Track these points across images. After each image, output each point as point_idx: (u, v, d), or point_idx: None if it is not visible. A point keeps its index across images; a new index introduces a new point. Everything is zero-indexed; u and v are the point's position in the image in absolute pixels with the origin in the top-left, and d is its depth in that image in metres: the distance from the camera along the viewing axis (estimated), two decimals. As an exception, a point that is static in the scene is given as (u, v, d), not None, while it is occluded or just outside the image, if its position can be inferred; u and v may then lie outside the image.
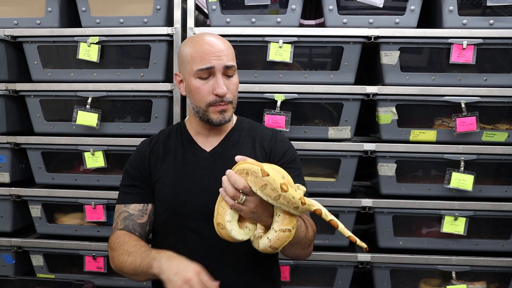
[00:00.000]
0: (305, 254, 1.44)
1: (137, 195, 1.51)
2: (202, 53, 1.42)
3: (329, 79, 1.96)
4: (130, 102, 2.06)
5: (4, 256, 2.09)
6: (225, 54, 1.43)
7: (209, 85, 1.43)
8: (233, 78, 1.47)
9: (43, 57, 2.05)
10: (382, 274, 1.98)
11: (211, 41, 1.45)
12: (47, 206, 2.09)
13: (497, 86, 1.92)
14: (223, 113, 1.45)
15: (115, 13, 2.02)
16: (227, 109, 1.46)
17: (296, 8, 1.95)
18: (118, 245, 1.43)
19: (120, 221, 1.50)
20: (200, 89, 1.44)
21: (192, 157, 1.51)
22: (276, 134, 1.58)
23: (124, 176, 1.56)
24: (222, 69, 1.43)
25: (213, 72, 1.43)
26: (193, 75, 1.44)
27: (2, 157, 2.06)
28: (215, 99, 1.43)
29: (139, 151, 1.56)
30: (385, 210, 1.97)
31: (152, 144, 1.57)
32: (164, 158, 1.52)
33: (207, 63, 1.42)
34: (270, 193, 1.14)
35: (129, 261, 1.37)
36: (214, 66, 1.42)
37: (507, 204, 1.93)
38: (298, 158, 1.57)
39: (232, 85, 1.46)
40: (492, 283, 1.99)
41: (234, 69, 1.47)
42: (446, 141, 1.95)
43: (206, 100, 1.44)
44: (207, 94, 1.43)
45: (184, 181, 1.48)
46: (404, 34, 1.91)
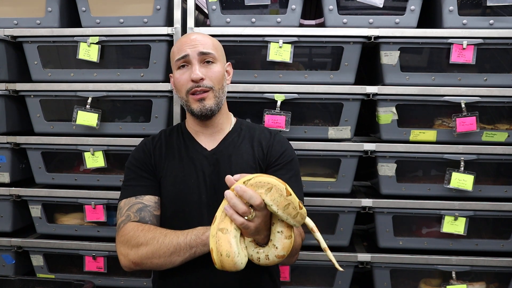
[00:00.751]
0: (290, 262, 1.46)
1: (150, 187, 1.49)
2: (179, 45, 1.49)
3: (329, 79, 1.96)
4: (130, 102, 2.06)
5: (4, 256, 2.09)
6: (201, 43, 1.46)
7: (187, 73, 1.46)
8: (212, 66, 1.47)
9: (43, 57, 2.05)
10: (382, 274, 1.98)
11: (189, 35, 1.51)
12: (47, 206, 2.09)
13: (497, 86, 1.92)
14: (202, 102, 1.46)
15: (115, 13, 2.02)
16: (206, 97, 1.46)
17: (296, 8, 1.95)
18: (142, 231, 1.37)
19: (133, 213, 1.44)
20: (179, 79, 1.47)
21: (194, 155, 1.52)
22: (275, 135, 1.58)
23: (128, 171, 1.53)
24: (197, 56, 1.45)
25: (189, 60, 1.46)
26: (175, 68, 1.50)
27: (2, 157, 2.06)
28: (192, 85, 1.45)
29: (143, 148, 1.56)
30: (385, 210, 1.97)
31: (155, 142, 1.57)
32: (167, 156, 1.53)
33: (182, 52, 1.46)
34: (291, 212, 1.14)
35: (168, 240, 1.34)
36: (189, 54, 1.45)
37: (507, 204, 1.93)
38: (296, 160, 1.57)
39: (211, 72, 1.46)
40: (492, 283, 1.99)
41: (214, 57, 1.47)
42: (446, 141, 1.95)
43: (185, 88, 1.46)
44: (186, 82, 1.46)
45: (188, 178, 1.49)
46: (404, 34, 1.91)
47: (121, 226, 1.44)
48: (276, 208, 1.13)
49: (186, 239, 1.33)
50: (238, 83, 1.96)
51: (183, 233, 1.35)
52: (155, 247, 1.34)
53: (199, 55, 1.45)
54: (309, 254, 1.98)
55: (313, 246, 2.01)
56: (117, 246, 1.43)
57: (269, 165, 1.52)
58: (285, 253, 1.20)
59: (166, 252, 1.34)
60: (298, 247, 1.43)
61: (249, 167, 1.49)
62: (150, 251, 1.35)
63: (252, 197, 1.12)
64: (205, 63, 1.47)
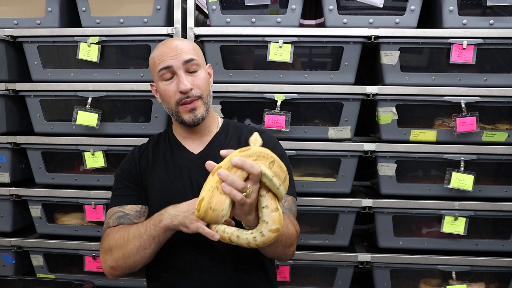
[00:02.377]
0: (287, 254, 1.42)
1: (133, 197, 1.50)
2: (160, 55, 1.44)
3: (329, 79, 1.96)
4: (130, 102, 2.06)
5: (4, 256, 2.09)
6: (183, 51, 1.43)
7: (174, 84, 1.43)
8: (198, 73, 1.45)
9: (43, 57, 2.05)
10: (382, 274, 1.98)
11: (168, 43, 1.46)
12: (47, 206, 2.09)
13: (497, 86, 1.92)
14: (193, 112, 1.44)
15: (115, 13, 2.02)
16: (196, 106, 1.44)
17: (296, 8, 1.95)
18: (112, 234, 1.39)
19: (112, 220, 1.46)
20: (166, 90, 1.45)
21: (181, 160, 1.50)
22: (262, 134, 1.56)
23: (117, 181, 1.54)
24: (181, 65, 1.43)
25: (174, 71, 1.43)
26: (159, 79, 1.46)
27: (2, 157, 2.06)
28: (181, 96, 1.43)
29: (129, 158, 1.56)
30: (385, 210, 1.96)
31: (141, 150, 1.57)
32: (154, 163, 1.52)
33: (165, 63, 1.43)
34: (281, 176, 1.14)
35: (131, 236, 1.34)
36: (172, 65, 1.42)
37: (507, 204, 1.93)
38: (285, 156, 1.56)
39: (197, 80, 1.44)
40: (492, 283, 1.99)
41: (198, 64, 1.45)
42: (446, 141, 1.95)
43: (174, 100, 1.44)
44: (174, 93, 1.44)
45: (174, 183, 1.47)
46: (404, 34, 1.90)
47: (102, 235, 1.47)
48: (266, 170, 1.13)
49: (147, 230, 1.33)
50: (238, 83, 1.96)
51: (143, 224, 1.36)
52: (123, 246, 1.35)
53: (184, 64, 1.43)
54: (309, 254, 1.98)
55: (313, 246, 2.01)
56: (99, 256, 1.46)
57: None
58: (278, 226, 1.18)
59: (133, 249, 1.34)
60: (292, 236, 1.38)
61: None
62: (121, 252, 1.36)
63: (253, 166, 1.11)
64: (190, 72, 1.45)
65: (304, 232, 2.02)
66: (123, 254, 1.36)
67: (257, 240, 1.19)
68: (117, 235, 1.39)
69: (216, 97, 1.96)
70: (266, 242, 1.19)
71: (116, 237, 1.38)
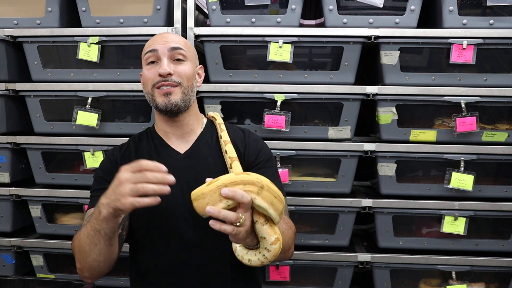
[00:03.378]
0: (288, 256, 1.41)
1: None
2: (150, 42, 1.47)
3: (329, 79, 1.96)
4: (130, 102, 2.06)
5: (4, 256, 2.09)
6: (172, 40, 1.45)
7: (155, 69, 1.43)
8: (183, 63, 1.45)
9: (43, 57, 2.05)
10: (382, 274, 1.98)
11: (161, 33, 1.50)
12: (47, 206, 2.09)
13: (497, 86, 1.92)
14: (168, 96, 1.42)
15: (115, 13, 2.02)
16: (173, 91, 1.42)
17: (296, 8, 1.95)
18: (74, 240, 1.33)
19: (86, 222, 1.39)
20: (147, 73, 1.45)
21: (167, 160, 1.45)
22: (249, 134, 1.56)
23: (95, 182, 1.50)
24: (167, 52, 1.43)
25: (158, 55, 1.43)
26: (144, 63, 1.47)
27: (2, 157, 2.06)
28: (158, 79, 1.42)
29: (109, 157, 1.53)
30: (385, 210, 1.97)
31: (123, 150, 1.53)
32: None
33: (151, 47, 1.44)
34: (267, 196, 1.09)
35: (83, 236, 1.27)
36: (158, 49, 1.43)
37: (507, 204, 1.93)
38: (272, 156, 1.55)
39: (180, 69, 1.44)
40: (492, 283, 1.99)
41: (184, 55, 1.45)
42: (446, 141, 1.95)
43: (151, 82, 1.43)
44: (153, 76, 1.43)
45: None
46: (404, 34, 1.90)
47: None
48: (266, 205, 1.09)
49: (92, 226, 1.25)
50: (238, 83, 1.96)
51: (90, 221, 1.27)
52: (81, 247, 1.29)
53: (169, 51, 1.43)
54: (309, 254, 1.98)
55: (313, 246, 2.01)
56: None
57: (249, 165, 1.49)
58: (278, 236, 1.15)
59: (86, 247, 1.28)
60: (289, 240, 1.37)
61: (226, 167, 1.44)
62: (79, 253, 1.31)
63: (243, 196, 1.06)
64: (175, 61, 1.44)
65: (304, 232, 2.02)
66: (81, 254, 1.31)
67: (268, 257, 1.16)
68: (75, 240, 1.34)
69: (216, 97, 1.96)
70: (276, 254, 1.16)
71: (75, 242, 1.33)
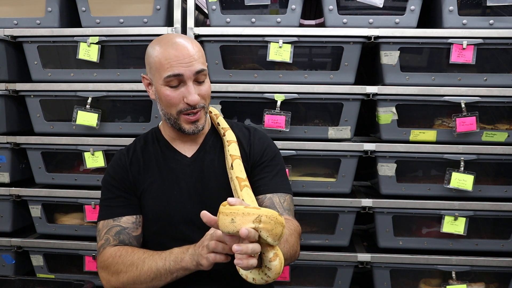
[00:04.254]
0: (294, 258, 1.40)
1: (128, 207, 1.44)
2: (170, 60, 1.35)
3: (329, 79, 1.96)
4: (130, 102, 2.06)
5: (4, 256, 2.09)
6: (194, 59, 1.36)
7: (179, 92, 1.37)
8: (204, 83, 1.40)
9: (43, 57, 2.05)
10: (382, 274, 1.98)
11: (179, 46, 1.36)
12: (47, 206, 2.09)
13: (497, 86, 1.92)
14: (195, 123, 1.40)
15: (115, 13, 2.02)
16: (199, 118, 1.40)
17: (296, 8, 1.95)
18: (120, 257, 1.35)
19: (112, 236, 1.41)
20: (170, 97, 1.37)
21: (174, 165, 1.46)
22: (254, 132, 1.54)
23: (105, 190, 1.48)
24: (193, 76, 1.36)
25: (183, 79, 1.36)
26: (162, 82, 1.37)
27: (2, 157, 2.06)
28: (186, 107, 1.37)
29: (118, 163, 1.49)
30: (385, 210, 1.96)
31: (130, 154, 1.51)
32: (146, 169, 1.47)
33: (175, 70, 1.34)
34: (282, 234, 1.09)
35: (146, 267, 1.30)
36: (183, 74, 1.35)
37: (507, 204, 1.93)
38: (278, 154, 1.53)
39: (203, 91, 1.39)
40: (492, 283, 1.99)
41: (205, 73, 1.40)
42: (446, 141, 1.95)
43: (177, 108, 1.38)
44: (178, 102, 1.37)
45: (170, 190, 1.44)
46: (404, 34, 1.90)
47: (100, 251, 1.42)
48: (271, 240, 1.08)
49: (165, 265, 1.28)
50: (238, 83, 1.96)
51: (161, 257, 1.30)
52: (135, 274, 1.32)
53: (194, 75, 1.36)
54: (309, 254, 1.98)
55: (313, 246, 2.01)
56: (99, 271, 1.41)
57: (254, 164, 1.48)
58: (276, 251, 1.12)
59: (147, 279, 1.30)
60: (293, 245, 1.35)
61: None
62: (131, 278, 1.32)
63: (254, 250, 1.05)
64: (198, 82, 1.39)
65: (304, 232, 2.02)
66: (134, 281, 1.32)
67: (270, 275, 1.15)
68: (127, 260, 1.34)
69: (216, 97, 1.96)
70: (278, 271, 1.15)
71: (127, 263, 1.33)
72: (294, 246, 1.36)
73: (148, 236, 1.47)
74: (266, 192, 1.45)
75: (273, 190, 1.45)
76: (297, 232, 1.40)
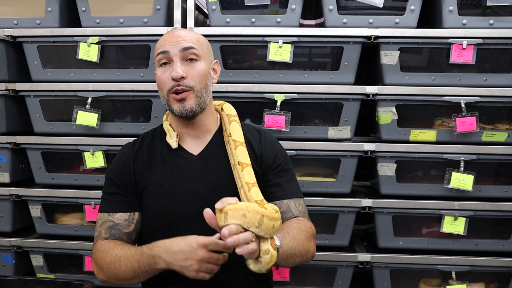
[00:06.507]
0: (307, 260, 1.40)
1: (123, 204, 1.46)
2: (161, 42, 1.42)
3: (329, 79, 1.96)
4: (130, 102, 2.06)
5: (4, 256, 2.09)
6: (183, 38, 1.40)
7: (168, 71, 1.40)
8: (196, 64, 1.41)
9: (43, 57, 2.05)
10: (382, 274, 1.98)
11: (172, 31, 1.44)
12: (47, 206, 2.09)
13: (497, 86, 1.92)
14: (182, 102, 1.40)
15: (115, 13, 2.02)
16: (186, 97, 1.39)
17: (296, 8, 1.95)
18: (103, 253, 1.39)
19: (104, 230, 1.44)
20: (160, 77, 1.41)
21: (180, 163, 1.46)
22: (264, 135, 1.54)
23: (107, 183, 1.50)
24: (179, 53, 1.39)
25: (170, 57, 1.39)
26: (157, 65, 1.44)
27: (2, 157, 2.06)
28: (172, 84, 1.39)
29: (122, 158, 1.50)
30: (385, 210, 1.97)
31: (135, 149, 1.51)
32: (151, 165, 1.47)
33: (163, 48, 1.40)
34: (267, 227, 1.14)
35: (123, 267, 1.34)
36: (169, 51, 1.39)
37: (507, 204, 1.93)
38: (288, 157, 1.54)
39: (193, 71, 1.40)
40: (491, 283, 1.99)
41: (197, 54, 1.40)
42: (446, 141, 1.95)
43: (167, 87, 1.41)
44: (167, 80, 1.40)
45: (174, 188, 1.43)
46: (404, 34, 1.91)
47: (94, 242, 1.47)
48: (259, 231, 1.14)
49: (140, 267, 1.31)
50: (238, 83, 1.96)
51: (134, 259, 1.32)
52: (114, 272, 1.36)
53: (181, 52, 1.39)
54: (309, 254, 1.98)
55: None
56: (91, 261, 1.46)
57: (267, 168, 1.48)
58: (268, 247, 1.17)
59: (126, 277, 1.35)
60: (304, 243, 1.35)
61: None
62: (112, 275, 1.37)
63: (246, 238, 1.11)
64: (188, 61, 1.41)
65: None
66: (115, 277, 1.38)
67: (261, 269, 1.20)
68: (107, 257, 1.37)
69: (216, 97, 1.96)
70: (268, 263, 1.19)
71: (107, 260, 1.37)
72: (304, 244, 1.36)
73: (149, 232, 1.48)
74: (282, 197, 1.47)
75: (289, 196, 1.47)
76: (308, 232, 1.40)
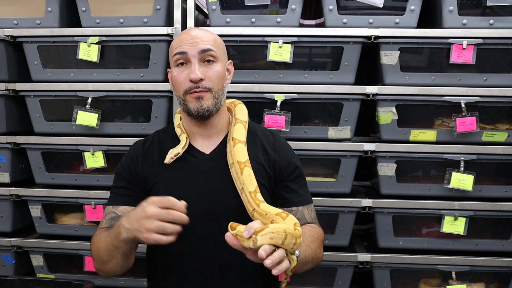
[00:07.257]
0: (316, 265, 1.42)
1: (128, 197, 1.46)
2: (178, 41, 1.42)
3: (329, 79, 1.96)
4: (130, 102, 2.06)
5: (4, 256, 2.09)
6: (201, 40, 1.40)
7: (186, 72, 1.39)
8: (213, 65, 1.41)
9: (43, 57, 2.05)
10: (382, 274, 1.98)
11: (189, 31, 1.44)
12: (47, 206, 2.09)
13: (497, 86, 1.92)
14: (199, 101, 1.39)
15: (115, 13, 2.02)
16: (204, 96, 1.39)
17: (296, 8, 1.95)
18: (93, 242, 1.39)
19: (105, 221, 1.45)
20: (177, 77, 1.41)
21: (191, 162, 1.45)
22: (278, 138, 1.53)
23: (116, 177, 1.51)
24: (197, 54, 1.39)
25: (188, 58, 1.39)
26: (173, 64, 1.43)
27: (2, 157, 2.06)
28: (190, 86, 1.39)
29: (131, 154, 1.51)
30: (385, 210, 1.97)
31: (146, 147, 1.51)
32: (161, 163, 1.46)
33: (181, 48, 1.39)
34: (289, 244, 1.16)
35: (102, 247, 1.33)
36: (187, 52, 1.38)
37: (507, 204, 1.93)
38: (300, 164, 1.53)
39: (211, 72, 1.40)
40: (492, 283, 1.99)
41: (215, 56, 1.41)
42: (446, 141, 1.95)
43: (183, 87, 1.40)
44: (184, 81, 1.40)
45: (184, 187, 1.42)
46: (404, 34, 1.91)
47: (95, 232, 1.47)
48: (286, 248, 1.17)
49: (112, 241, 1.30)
50: (238, 83, 1.96)
51: (109, 234, 1.32)
52: (98, 257, 1.36)
53: (200, 53, 1.38)
54: (309, 254, 1.98)
55: (313, 246, 2.01)
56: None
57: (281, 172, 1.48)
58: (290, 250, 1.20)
59: (104, 257, 1.34)
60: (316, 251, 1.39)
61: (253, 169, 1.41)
62: (100, 262, 1.37)
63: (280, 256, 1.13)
64: (205, 62, 1.41)
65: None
66: (99, 260, 1.37)
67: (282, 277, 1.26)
68: (95, 245, 1.38)
69: (216, 97, 1.96)
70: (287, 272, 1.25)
71: (95, 247, 1.38)
72: (316, 251, 1.39)
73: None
74: (298, 204, 1.48)
75: (303, 202, 1.49)
76: (319, 240, 1.43)
